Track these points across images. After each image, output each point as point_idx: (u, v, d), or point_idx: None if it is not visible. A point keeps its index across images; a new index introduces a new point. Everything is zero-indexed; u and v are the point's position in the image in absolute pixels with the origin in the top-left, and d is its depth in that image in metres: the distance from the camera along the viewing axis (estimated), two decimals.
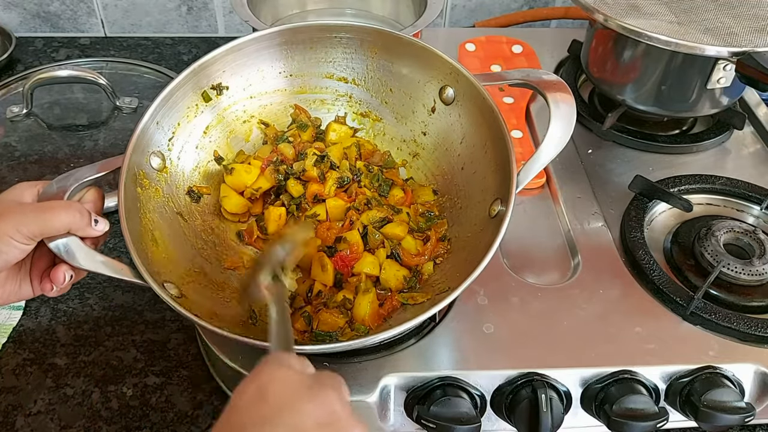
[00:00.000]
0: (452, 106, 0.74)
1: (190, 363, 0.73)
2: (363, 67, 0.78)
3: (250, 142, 0.78)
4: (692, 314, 0.71)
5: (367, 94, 0.79)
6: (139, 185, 0.66)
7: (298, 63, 0.78)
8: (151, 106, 0.68)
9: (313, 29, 0.76)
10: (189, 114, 0.73)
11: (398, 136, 0.79)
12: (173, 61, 1.16)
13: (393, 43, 0.76)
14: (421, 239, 0.70)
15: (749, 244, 0.78)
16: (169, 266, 0.64)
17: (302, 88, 0.79)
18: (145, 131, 0.68)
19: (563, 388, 0.66)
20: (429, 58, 0.74)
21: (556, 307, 0.72)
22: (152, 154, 0.69)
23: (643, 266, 0.75)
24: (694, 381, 0.66)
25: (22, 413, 0.69)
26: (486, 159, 0.70)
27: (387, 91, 0.78)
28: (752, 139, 0.97)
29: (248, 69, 0.76)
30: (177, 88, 0.70)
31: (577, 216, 0.83)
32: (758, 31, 0.82)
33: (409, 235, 0.70)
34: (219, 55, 0.72)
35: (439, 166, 0.76)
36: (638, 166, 0.90)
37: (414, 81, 0.76)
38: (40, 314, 0.78)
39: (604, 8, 0.85)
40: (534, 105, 0.99)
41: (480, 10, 1.24)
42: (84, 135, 1.00)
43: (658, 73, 0.87)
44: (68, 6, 1.18)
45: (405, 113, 0.78)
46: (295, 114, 0.79)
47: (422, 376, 0.65)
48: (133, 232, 0.62)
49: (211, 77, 0.73)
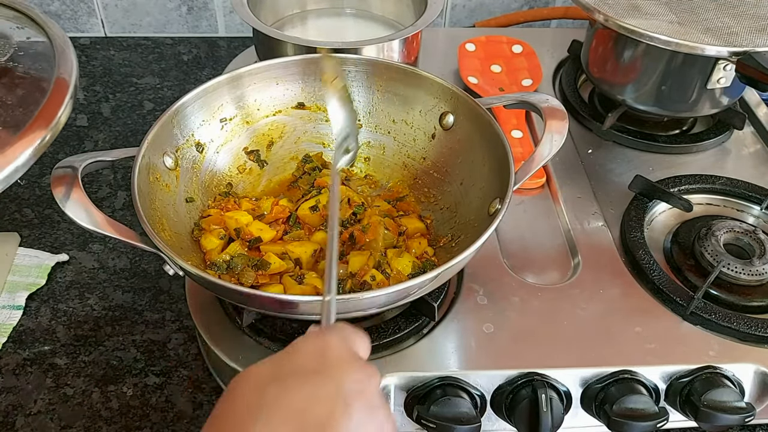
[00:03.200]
0: (452, 131, 0.76)
1: (190, 363, 0.73)
2: (368, 99, 0.80)
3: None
4: (692, 314, 0.71)
5: (371, 128, 0.81)
6: (152, 175, 0.68)
7: (307, 93, 0.80)
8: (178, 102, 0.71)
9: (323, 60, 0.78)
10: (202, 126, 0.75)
11: (399, 163, 0.81)
12: (173, 61, 1.16)
13: (396, 74, 0.78)
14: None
15: (749, 244, 0.78)
16: (175, 249, 0.65)
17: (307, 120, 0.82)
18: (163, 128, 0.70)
19: (563, 388, 0.66)
20: (431, 87, 0.76)
21: (556, 307, 0.72)
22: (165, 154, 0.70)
23: (643, 266, 0.75)
24: (694, 381, 0.66)
25: (22, 413, 0.69)
26: (484, 171, 0.71)
27: (390, 122, 0.80)
28: (752, 139, 0.97)
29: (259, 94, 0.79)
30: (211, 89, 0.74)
31: (577, 216, 0.83)
32: (758, 30, 0.82)
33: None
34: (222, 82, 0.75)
35: (438, 186, 0.77)
36: (638, 166, 0.90)
37: (416, 110, 0.78)
38: (40, 314, 0.78)
39: (604, 8, 0.85)
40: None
41: (480, 10, 1.24)
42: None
43: (658, 73, 0.87)
44: (68, 6, 1.18)
45: (406, 141, 0.80)
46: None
47: (422, 375, 0.65)
48: (143, 203, 0.63)
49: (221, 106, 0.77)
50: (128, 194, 0.90)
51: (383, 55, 0.89)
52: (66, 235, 0.86)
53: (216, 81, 0.75)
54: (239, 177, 0.79)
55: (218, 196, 0.76)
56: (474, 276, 0.74)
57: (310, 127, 0.82)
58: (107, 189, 0.92)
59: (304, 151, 0.82)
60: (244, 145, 0.79)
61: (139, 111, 1.06)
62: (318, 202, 0.73)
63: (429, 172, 0.78)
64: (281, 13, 1.04)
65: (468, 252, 0.59)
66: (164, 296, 0.80)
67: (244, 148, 0.79)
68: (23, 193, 0.91)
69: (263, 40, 0.91)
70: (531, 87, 1.01)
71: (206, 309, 0.70)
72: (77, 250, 0.84)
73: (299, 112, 0.81)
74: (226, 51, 1.20)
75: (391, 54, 0.91)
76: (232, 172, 0.78)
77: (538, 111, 0.72)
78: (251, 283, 0.67)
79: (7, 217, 0.88)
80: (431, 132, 0.78)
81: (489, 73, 1.03)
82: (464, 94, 0.74)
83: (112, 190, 0.92)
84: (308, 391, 0.41)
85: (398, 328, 0.68)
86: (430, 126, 0.78)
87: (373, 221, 0.71)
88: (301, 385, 0.42)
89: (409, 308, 0.70)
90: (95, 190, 0.92)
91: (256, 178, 0.80)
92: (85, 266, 0.83)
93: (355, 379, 0.43)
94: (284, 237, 0.72)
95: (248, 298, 0.60)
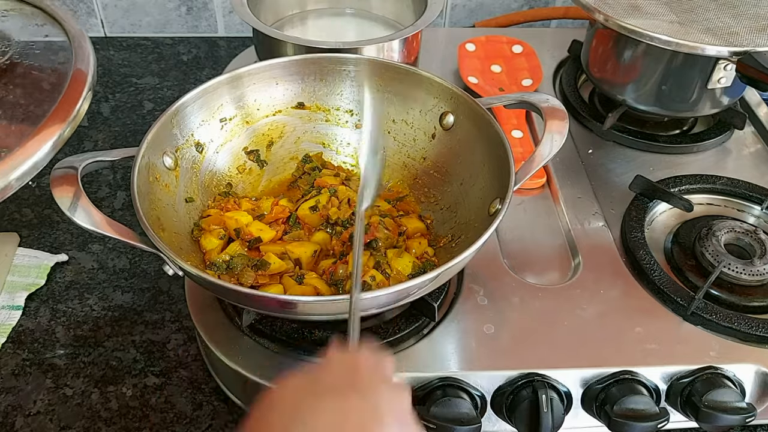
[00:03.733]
0: (452, 131, 0.76)
1: (190, 363, 0.73)
2: (368, 99, 0.79)
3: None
4: (693, 314, 0.71)
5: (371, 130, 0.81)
6: (151, 175, 0.68)
7: (307, 94, 0.80)
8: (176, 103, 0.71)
9: (323, 61, 0.78)
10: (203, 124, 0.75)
11: (399, 163, 0.80)
12: (173, 61, 1.16)
13: (396, 74, 0.77)
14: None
15: (750, 244, 0.78)
16: (175, 249, 0.65)
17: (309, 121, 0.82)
18: (163, 128, 0.70)
19: (564, 389, 0.66)
20: (431, 87, 0.76)
21: (556, 307, 0.72)
22: (165, 154, 0.70)
23: (643, 266, 0.75)
24: (695, 381, 0.66)
25: (22, 413, 0.69)
26: (484, 171, 0.71)
27: (390, 122, 0.79)
28: (753, 139, 0.97)
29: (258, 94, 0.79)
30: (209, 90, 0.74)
31: (577, 216, 0.83)
32: (759, 30, 0.82)
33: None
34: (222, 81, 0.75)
35: (438, 186, 0.77)
36: (639, 166, 0.90)
37: (416, 110, 0.78)
38: (39, 314, 0.77)
39: (604, 8, 0.85)
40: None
41: (480, 10, 1.24)
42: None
43: (659, 73, 0.87)
44: (68, 6, 1.18)
45: (406, 141, 0.80)
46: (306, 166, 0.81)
47: (422, 376, 0.65)
48: (143, 203, 0.63)
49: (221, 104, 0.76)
50: (128, 194, 0.90)
51: (383, 55, 0.89)
52: (65, 235, 0.86)
53: (216, 81, 0.75)
54: (239, 177, 0.78)
55: (218, 196, 0.75)
56: (474, 276, 0.74)
57: (310, 127, 0.81)
58: (107, 189, 0.92)
59: (303, 151, 0.82)
60: (243, 145, 0.79)
61: (138, 111, 1.06)
62: (318, 202, 0.73)
63: (429, 172, 0.78)
64: (281, 13, 1.04)
65: (468, 252, 0.58)
66: (164, 297, 0.80)
67: (244, 148, 0.79)
68: (23, 193, 0.91)
69: (263, 40, 0.90)
70: (531, 87, 1.01)
71: (206, 309, 0.70)
72: (77, 251, 0.84)
73: (299, 112, 0.80)
74: (226, 51, 1.20)
75: (391, 54, 0.91)
76: (232, 172, 0.78)
77: (538, 111, 0.72)
78: (251, 283, 0.67)
79: (7, 217, 0.88)
80: (431, 132, 0.78)
81: (489, 73, 1.03)
82: (464, 94, 0.74)
83: (111, 190, 0.92)
84: (344, 406, 0.43)
85: (398, 328, 0.68)
86: (430, 126, 0.78)
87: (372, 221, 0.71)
88: (337, 400, 0.43)
89: (409, 308, 0.70)
90: (95, 190, 0.92)
91: (255, 178, 0.80)
92: (84, 266, 0.83)
93: (388, 397, 0.45)
94: (284, 237, 0.72)
95: (248, 299, 0.59)
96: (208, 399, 0.70)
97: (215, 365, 0.71)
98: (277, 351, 0.67)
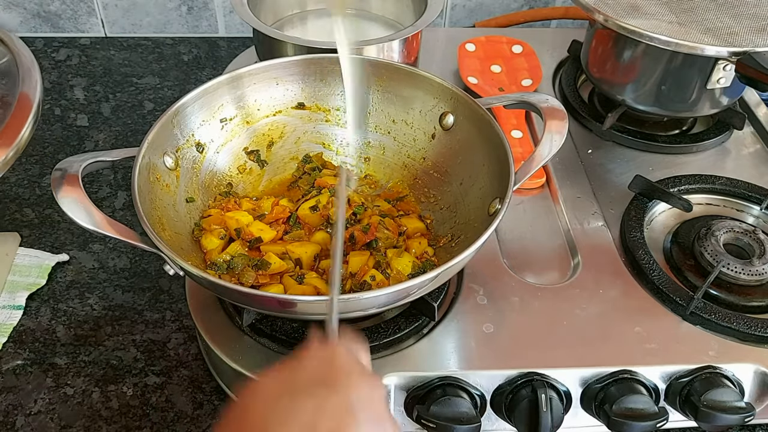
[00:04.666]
0: (452, 131, 0.76)
1: (190, 363, 0.73)
2: (368, 99, 0.80)
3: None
4: (692, 314, 0.71)
5: (371, 128, 0.81)
6: (152, 175, 0.68)
7: (307, 94, 0.80)
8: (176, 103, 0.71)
9: (323, 61, 0.78)
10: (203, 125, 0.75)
11: (399, 163, 0.81)
12: (173, 61, 1.16)
13: (396, 74, 0.78)
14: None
15: (749, 244, 0.78)
16: (176, 249, 0.65)
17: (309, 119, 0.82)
18: (163, 129, 0.70)
19: (563, 388, 0.66)
20: (430, 87, 0.77)
21: (556, 306, 0.72)
22: (165, 154, 0.70)
23: (642, 266, 0.76)
24: (694, 381, 0.66)
25: (22, 413, 0.69)
26: (484, 171, 0.71)
27: (390, 122, 0.80)
28: (752, 139, 0.97)
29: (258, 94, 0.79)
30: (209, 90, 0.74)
31: (577, 216, 0.83)
32: (758, 30, 0.82)
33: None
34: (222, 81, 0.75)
35: (438, 186, 0.77)
36: (638, 166, 0.90)
37: (416, 110, 0.78)
38: (40, 314, 0.78)
39: (604, 8, 0.85)
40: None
41: (480, 10, 1.24)
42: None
43: (658, 73, 0.87)
44: (68, 6, 1.18)
45: (406, 141, 0.80)
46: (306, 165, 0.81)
47: (422, 375, 0.65)
48: (144, 203, 0.63)
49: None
50: (128, 194, 0.90)
51: (383, 55, 0.90)
52: (66, 235, 0.86)
53: (216, 81, 0.75)
54: (239, 177, 0.79)
55: (218, 196, 0.76)
56: (474, 276, 0.74)
57: (310, 127, 0.82)
58: (107, 189, 0.92)
59: (304, 151, 0.82)
60: (244, 145, 0.79)
61: (139, 111, 1.06)
62: (318, 202, 0.73)
63: (429, 172, 0.78)
64: (281, 13, 1.04)
65: (468, 252, 0.59)
66: (164, 296, 0.80)
67: (245, 148, 0.79)
68: (23, 193, 0.91)
69: (263, 40, 0.91)
70: (531, 87, 1.01)
71: (206, 309, 0.70)
72: (77, 250, 0.84)
73: (299, 112, 0.81)
74: (226, 51, 1.20)
75: (391, 54, 0.91)
76: (233, 172, 0.78)
77: (538, 111, 0.72)
78: (251, 283, 0.67)
79: (8, 217, 0.88)
80: (431, 132, 0.78)
81: (489, 73, 1.03)
82: (464, 94, 0.74)
83: (112, 190, 0.92)
84: (317, 404, 0.43)
85: (398, 328, 0.68)
86: (430, 126, 0.78)
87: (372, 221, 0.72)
88: (310, 398, 0.44)
89: (409, 308, 0.70)
90: (95, 190, 0.92)
91: (256, 178, 0.80)
92: (85, 266, 0.83)
93: (361, 390, 0.45)
94: (284, 237, 0.72)
95: (248, 298, 0.60)
96: (208, 398, 0.71)
97: (216, 364, 0.71)
98: (277, 350, 0.67)
